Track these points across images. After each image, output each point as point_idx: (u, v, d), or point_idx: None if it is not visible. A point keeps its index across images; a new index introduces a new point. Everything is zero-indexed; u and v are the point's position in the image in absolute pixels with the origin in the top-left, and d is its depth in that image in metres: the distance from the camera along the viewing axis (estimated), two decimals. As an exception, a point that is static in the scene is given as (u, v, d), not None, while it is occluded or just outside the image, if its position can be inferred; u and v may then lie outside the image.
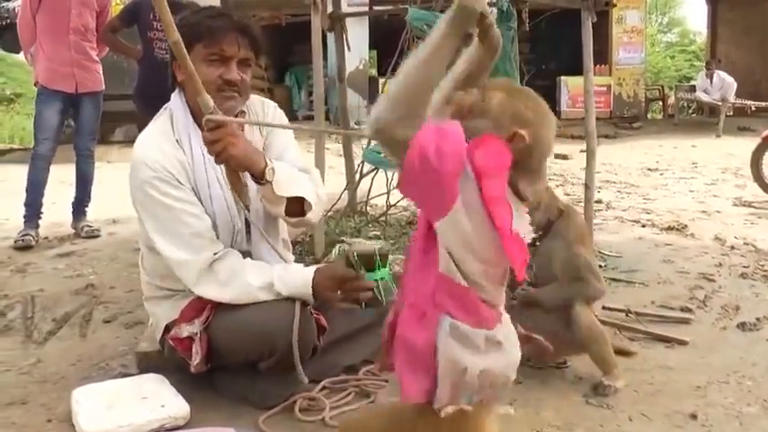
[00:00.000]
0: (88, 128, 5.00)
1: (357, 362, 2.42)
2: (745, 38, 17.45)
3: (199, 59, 2.12)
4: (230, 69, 2.17)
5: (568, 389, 2.31)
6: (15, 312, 3.19)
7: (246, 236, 2.26)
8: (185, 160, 2.17)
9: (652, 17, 30.39)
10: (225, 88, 2.16)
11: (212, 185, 2.20)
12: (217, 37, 2.14)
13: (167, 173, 2.13)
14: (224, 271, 2.12)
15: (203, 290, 2.13)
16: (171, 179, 2.13)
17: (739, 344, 2.72)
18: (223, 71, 2.15)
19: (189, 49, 2.11)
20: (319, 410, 2.12)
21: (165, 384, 2.21)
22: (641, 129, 13.91)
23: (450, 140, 1.25)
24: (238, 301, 2.12)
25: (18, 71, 19.59)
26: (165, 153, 2.15)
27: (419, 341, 1.33)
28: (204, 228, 2.15)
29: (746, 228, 5.02)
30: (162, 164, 2.12)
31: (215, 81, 2.14)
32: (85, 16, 4.86)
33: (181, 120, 2.22)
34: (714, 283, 3.54)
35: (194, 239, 2.12)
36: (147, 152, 2.15)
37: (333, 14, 4.56)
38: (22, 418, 2.16)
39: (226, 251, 2.16)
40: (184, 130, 2.21)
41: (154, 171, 2.11)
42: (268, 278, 2.13)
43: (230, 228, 2.22)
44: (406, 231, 4.30)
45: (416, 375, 1.33)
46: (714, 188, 7.08)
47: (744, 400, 2.21)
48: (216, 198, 2.20)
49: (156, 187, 2.12)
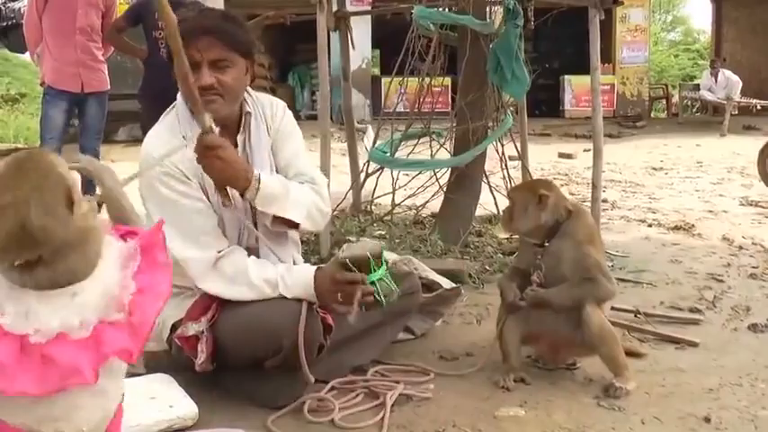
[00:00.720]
0: (94, 128, 4.99)
1: (365, 362, 2.41)
2: (750, 36, 17.42)
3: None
4: (201, 74, 2.08)
5: (579, 391, 2.29)
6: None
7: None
8: (193, 157, 2.15)
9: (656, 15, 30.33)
10: (203, 93, 2.05)
11: None
12: (185, 42, 1.95)
13: (175, 168, 2.11)
14: (229, 268, 2.12)
15: (208, 286, 2.13)
16: (179, 174, 2.12)
17: (751, 345, 2.69)
18: (196, 77, 2.03)
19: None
20: (328, 411, 2.10)
21: (173, 384, 2.19)
22: (645, 128, 13.87)
23: None
24: (243, 299, 2.12)
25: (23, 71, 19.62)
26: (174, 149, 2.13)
27: None
28: (211, 224, 2.15)
29: (754, 227, 4.99)
30: (170, 159, 2.10)
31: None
32: (91, 16, 4.85)
33: (187, 120, 2.20)
34: (723, 284, 3.51)
35: (201, 236, 2.12)
36: (156, 148, 2.14)
37: (338, 13, 4.54)
38: (27, 420, 2.14)
39: (231, 248, 2.15)
40: (191, 129, 2.19)
41: (162, 167, 2.10)
42: (272, 277, 2.13)
43: (237, 225, 2.21)
44: (411, 231, 4.29)
45: None
46: (720, 187, 7.05)
47: (758, 403, 2.19)
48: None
49: (164, 183, 2.11)
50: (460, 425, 2.04)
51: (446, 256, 3.80)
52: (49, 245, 1.22)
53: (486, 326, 2.86)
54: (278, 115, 2.36)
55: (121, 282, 1.31)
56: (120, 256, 1.34)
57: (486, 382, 2.33)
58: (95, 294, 1.27)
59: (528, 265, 2.41)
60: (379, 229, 4.34)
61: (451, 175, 4.31)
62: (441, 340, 2.74)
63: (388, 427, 2.03)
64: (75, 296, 1.26)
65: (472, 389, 2.29)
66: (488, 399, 2.22)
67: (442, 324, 2.89)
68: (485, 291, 3.34)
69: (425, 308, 2.74)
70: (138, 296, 1.31)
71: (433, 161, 4.48)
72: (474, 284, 3.44)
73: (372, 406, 2.16)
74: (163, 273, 1.37)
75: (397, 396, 2.18)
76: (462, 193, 4.18)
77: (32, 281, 1.25)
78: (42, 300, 1.24)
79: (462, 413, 2.12)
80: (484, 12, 4.20)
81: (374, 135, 5.08)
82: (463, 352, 2.61)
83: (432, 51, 4.40)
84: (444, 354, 2.59)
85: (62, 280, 1.26)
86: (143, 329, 1.30)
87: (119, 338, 1.26)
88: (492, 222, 4.49)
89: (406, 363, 2.48)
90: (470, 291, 3.32)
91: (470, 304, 3.14)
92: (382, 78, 13.75)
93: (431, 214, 4.62)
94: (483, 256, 3.85)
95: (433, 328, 2.82)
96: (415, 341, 2.72)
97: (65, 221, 1.24)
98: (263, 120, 2.33)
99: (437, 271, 2.92)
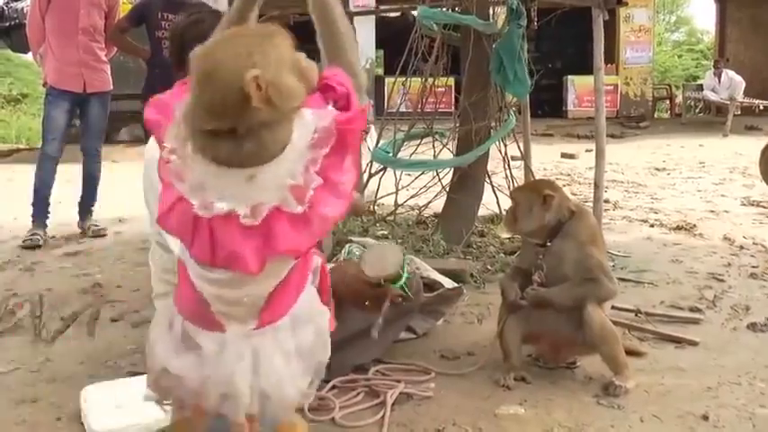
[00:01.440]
0: (96, 128, 5.00)
1: (367, 361, 2.42)
2: (753, 37, 17.38)
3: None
4: None
5: (579, 389, 2.30)
6: (24, 311, 3.19)
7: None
8: None
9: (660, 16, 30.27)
10: None
11: None
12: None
13: None
14: None
15: None
16: None
17: (750, 344, 2.70)
18: None
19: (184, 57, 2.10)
20: (329, 410, 2.12)
21: (174, 384, 2.20)
22: (648, 128, 13.86)
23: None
24: None
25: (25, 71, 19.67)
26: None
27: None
28: None
29: (755, 227, 4.99)
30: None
31: None
32: (94, 16, 4.87)
33: None
34: (724, 284, 3.52)
35: None
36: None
37: (341, 13, 4.54)
38: (32, 416, 2.16)
39: None
40: None
41: None
42: None
43: None
44: (414, 231, 4.30)
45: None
46: (722, 188, 7.05)
47: (756, 401, 2.20)
48: None
49: None
50: (461, 423, 2.06)
51: (448, 255, 3.81)
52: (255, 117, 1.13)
53: (487, 325, 2.87)
54: None
55: (306, 170, 1.17)
56: (311, 138, 1.19)
57: (486, 381, 2.34)
58: (274, 181, 1.17)
59: (529, 265, 2.42)
60: (381, 228, 4.35)
61: (454, 176, 4.32)
62: (442, 339, 2.75)
63: (388, 425, 2.04)
64: (251, 179, 1.16)
65: (473, 388, 2.31)
66: (489, 397, 2.23)
67: (444, 323, 2.90)
68: (486, 290, 3.35)
69: (427, 307, 2.75)
70: (321, 191, 1.17)
71: (435, 161, 4.49)
72: (476, 284, 3.45)
73: (373, 404, 2.18)
74: (350, 173, 1.22)
75: (397, 395, 2.19)
76: (465, 193, 4.19)
77: (214, 151, 1.16)
78: (218, 175, 1.17)
79: (463, 412, 2.13)
80: (487, 12, 4.21)
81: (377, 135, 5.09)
82: (464, 351, 2.62)
83: (435, 52, 4.42)
84: (445, 353, 2.60)
85: (244, 160, 1.16)
86: (321, 228, 1.19)
87: (291, 235, 1.16)
88: (494, 222, 4.50)
89: (408, 362, 2.49)
90: (472, 290, 3.34)
91: (472, 304, 3.15)
92: (386, 78, 13.75)
93: (433, 214, 4.63)
94: (485, 256, 3.86)
95: (434, 328, 2.83)
96: (417, 340, 2.73)
97: (295, 92, 1.16)
98: None
99: (439, 271, 2.93)
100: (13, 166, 9.45)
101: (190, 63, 1.18)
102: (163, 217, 1.20)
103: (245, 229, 1.15)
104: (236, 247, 1.15)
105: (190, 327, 1.24)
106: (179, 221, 1.18)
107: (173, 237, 1.24)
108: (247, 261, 1.16)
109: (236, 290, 1.22)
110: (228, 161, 1.16)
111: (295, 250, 1.20)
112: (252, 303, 1.24)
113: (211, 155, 1.16)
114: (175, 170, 1.19)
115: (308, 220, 1.17)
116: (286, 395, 1.25)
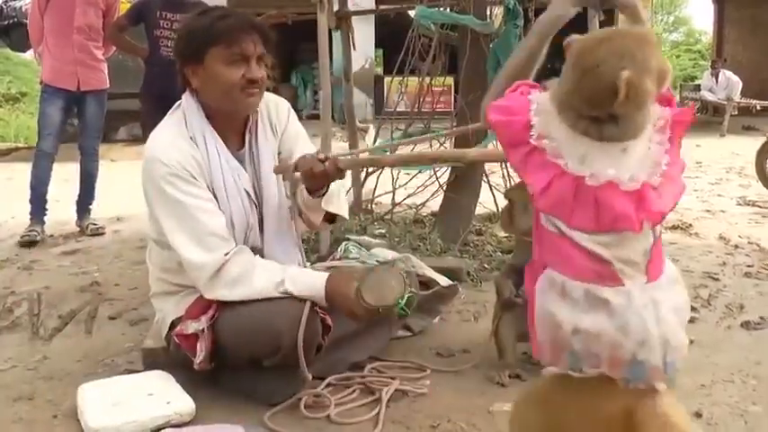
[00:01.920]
0: (93, 126, 5.01)
1: (363, 359, 2.43)
2: (751, 37, 17.41)
3: (218, 62, 2.15)
4: (252, 68, 2.18)
5: (573, 387, 2.31)
6: (22, 309, 3.20)
7: (260, 234, 2.28)
8: (200, 157, 2.18)
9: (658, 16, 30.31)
10: (248, 86, 2.18)
11: (227, 183, 2.21)
12: (234, 37, 2.15)
13: (183, 169, 2.13)
14: (234, 271, 2.13)
15: (212, 295, 2.15)
16: (186, 175, 2.14)
17: (744, 343, 2.72)
18: (245, 70, 2.17)
19: (203, 53, 2.14)
20: (325, 407, 2.13)
21: (170, 381, 2.22)
22: (646, 128, 13.85)
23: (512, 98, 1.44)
24: (248, 298, 2.13)
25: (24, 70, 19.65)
26: (180, 149, 2.16)
27: (531, 298, 1.42)
28: (218, 225, 2.16)
29: (751, 227, 5.01)
30: (177, 159, 2.13)
31: (239, 81, 2.16)
32: (90, 15, 4.88)
33: (195, 120, 2.23)
34: (718, 282, 3.53)
35: (208, 237, 2.13)
36: (162, 148, 2.16)
37: (339, 13, 4.55)
38: (29, 414, 2.17)
39: (237, 249, 2.17)
40: (199, 129, 2.22)
41: (168, 167, 2.12)
42: (277, 277, 2.14)
43: (244, 225, 2.24)
44: (411, 229, 4.31)
45: (534, 334, 1.41)
46: (718, 187, 7.07)
47: (749, 398, 2.21)
48: (231, 195, 2.21)
49: (170, 183, 2.12)
50: (456, 420, 2.07)
51: (445, 254, 3.82)
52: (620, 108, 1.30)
53: (483, 323, 2.88)
54: (283, 115, 2.41)
55: (660, 149, 1.37)
56: (656, 125, 1.39)
57: (481, 379, 2.35)
58: (641, 154, 1.35)
59: (525, 263, 2.42)
60: (379, 227, 4.36)
61: (451, 175, 4.33)
62: (438, 337, 2.76)
63: (383, 422, 2.05)
64: (624, 151, 1.34)
65: (468, 385, 2.32)
66: (483, 394, 2.25)
67: (440, 321, 2.91)
68: (483, 288, 3.36)
69: (423, 305, 2.75)
70: (670, 168, 1.36)
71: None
72: (472, 282, 3.46)
73: (368, 402, 2.19)
74: (680, 163, 1.40)
75: (392, 392, 2.20)
76: (462, 192, 4.20)
77: (597, 132, 1.34)
78: (598, 149, 1.34)
79: (457, 408, 2.14)
80: (484, 12, 4.22)
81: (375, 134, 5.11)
82: (460, 348, 2.63)
83: (432, 51, 4.43)
84: (441, 350, 2.62)
85: (622, 136, 1.34)
86: (672, 201, 1.36)
87: (657, 201, 1.33)
88: (492, 221, 4.51)
89: (403, 359, 2.51)
90: (468, 288, 3.35)
91: (468, 302, 3.16)
92: (385, 78, 13.77)
93: (431, 213, 4.65)
94: (482, 255, 3.87)
95: (430, 326, 2.84)
96: (413, 338, 2.74)
97: (650, 94, 1.32)
98: (268, 119, 2.36)
99: (436, 269, 2.94)
100: (12, 164, 9.45)
101: (567, 53, 1.40)
102: (541, 193, 1.35)
103: (625, 193, 1.32)
104: (623, 209, 1.32)
105: (592, 287, 1.33)
106: (557, 196, 1.34)
107: (546, 214, 1.37)
108: (633, 220, 1.32)
109: (625, 249, 1.35)
110: (609, 138, 1.34)
111: (662, 212, 1.35)
112: (639, 260, 1.36)
113: (596, 136, 1.34)
114: (553, 151, 1.35)
115: (662, 190, 1.35)
116: (681, 342, 1.36)
